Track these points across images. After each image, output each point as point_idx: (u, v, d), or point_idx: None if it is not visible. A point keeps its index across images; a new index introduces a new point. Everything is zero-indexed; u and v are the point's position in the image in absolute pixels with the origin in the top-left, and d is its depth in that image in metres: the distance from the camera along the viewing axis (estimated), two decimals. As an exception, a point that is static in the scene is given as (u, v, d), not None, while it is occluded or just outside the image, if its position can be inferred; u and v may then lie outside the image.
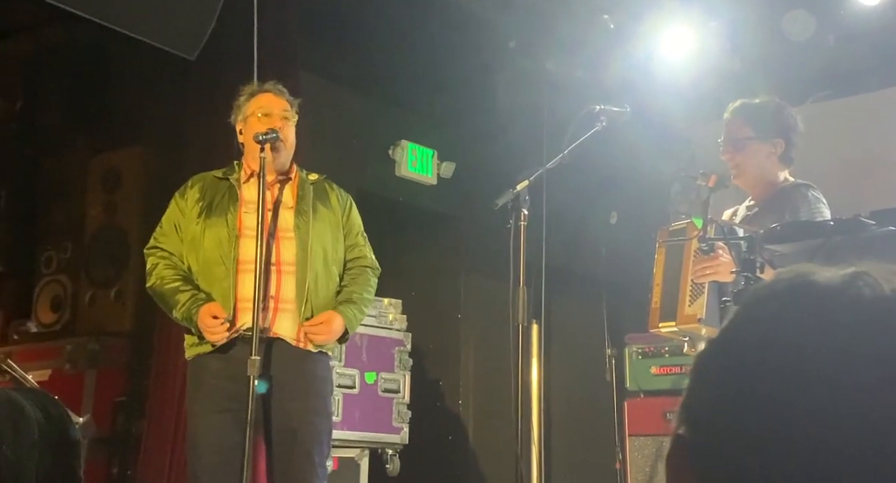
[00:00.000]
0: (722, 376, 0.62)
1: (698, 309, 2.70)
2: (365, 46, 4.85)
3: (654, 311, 2.83)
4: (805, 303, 0.61)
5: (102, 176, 5.02)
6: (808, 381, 0.58)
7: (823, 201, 2.86)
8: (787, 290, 0.63)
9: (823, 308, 0.60)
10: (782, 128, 2.97)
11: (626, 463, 4.59)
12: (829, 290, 0.60)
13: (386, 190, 5.21)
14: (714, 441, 0.61)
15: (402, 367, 4.56)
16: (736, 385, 0.61)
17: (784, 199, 2.89)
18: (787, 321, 0.61)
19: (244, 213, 2.99)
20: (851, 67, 4.82)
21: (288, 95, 3.15)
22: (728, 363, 0.63)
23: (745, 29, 4.71)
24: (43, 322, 5.04)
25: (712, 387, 0.63)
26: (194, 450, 2.90)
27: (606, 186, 5.53)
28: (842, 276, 0.61)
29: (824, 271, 0.62)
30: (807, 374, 0.58)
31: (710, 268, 2.67)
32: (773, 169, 2.96)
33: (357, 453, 4.32)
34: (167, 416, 4.07)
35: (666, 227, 2.92)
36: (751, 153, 2.95)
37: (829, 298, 0.60)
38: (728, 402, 0.61)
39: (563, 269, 5.36)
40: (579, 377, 5.55)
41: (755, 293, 0.65)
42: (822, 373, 0.58)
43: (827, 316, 0.59)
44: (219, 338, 2.87)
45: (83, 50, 5.20)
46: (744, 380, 0.60)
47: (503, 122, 5.08)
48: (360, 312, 3.07)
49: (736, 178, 2.96)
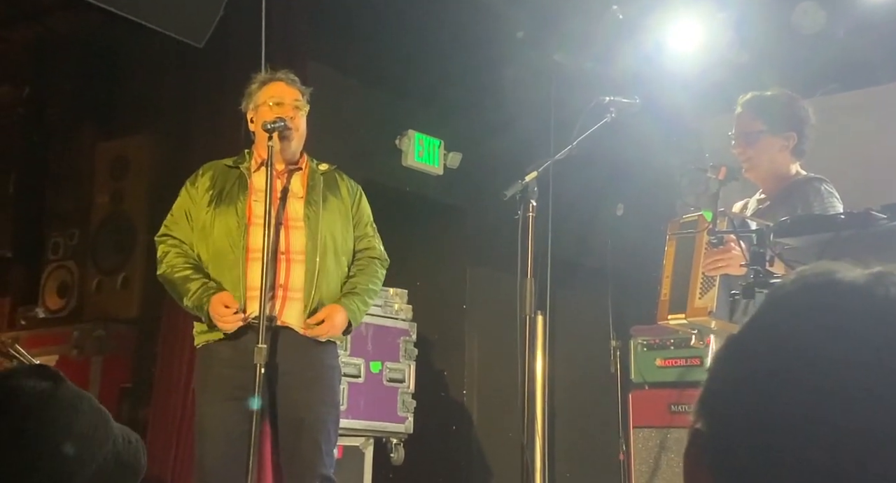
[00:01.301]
0: (742, 372, 0.62)
1: (709, 301, 2.68)
2: (373, 36, 4.84)
3: (664, 302, 2.81)
4: (829, 301, 0.61)
5: (110, 163, 5.03)
6: (831, 378, 0.58)
7: (836, 195, 2.83)
8: (811, 287, 0.62)
9: (848, 306, 0.60)
10: (794, 121, 2.93)
11: (629, 454, 4.59)
12: (853, 289, 0.60)
13: (393, 180, 5.21)
14: (732, 436, 0.61)
15: (407, 356, 4.57)
16: (756, 381, 0.61)
17: (796, 192, 2.86)
18: (810, 319, 0.61)
19: (254, 201, 2.99)
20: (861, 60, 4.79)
21: (300, 85, 3.14)
22: (749, 359, 0.62)
23: (754, 21, 4.69)
24: (50, 308, 5.06)
25: (732, 382, 0.63)
26: (202, 437, 2.91)
27: (614, 178, 5.51)
28: (866, 275, 0.61)
29: (848, 270, 0.62)
30: (830, 371, 0.58)
31: (723, 261, 2.65)
32: (786, 162, 2.94)
33: (362, 442, 4.34)
34: (173, 402, 4.09)
35: (677, 219, 2.89)
36: (763, 147, 2.92)
37: (853, 297, 0.60)
38: (748, 397, 0.61)
39: (568, 261, 5.36)
40: (584, 368, 5.55)
41: (778, 290, 0.64)
42: (845, 371, 0.57)
43: (851, 314, 0.59)
44: (231, 327, 2.88)
45: (91, 37, 5.20)
46: (765, 376, 0.60)
47: (510, 113, 5.07)
48: (364, 304, 3.07)
49: (748, 171, 2.93)
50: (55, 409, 1.02)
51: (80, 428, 1.03)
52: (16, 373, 1.07)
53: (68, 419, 1.02)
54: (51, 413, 1.02)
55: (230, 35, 4.17)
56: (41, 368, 1.08)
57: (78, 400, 1.05)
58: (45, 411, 1.02)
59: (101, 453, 1.03)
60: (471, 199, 5.46)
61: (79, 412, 1.04)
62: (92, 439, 1.03)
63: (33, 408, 1.02)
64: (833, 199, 2.81)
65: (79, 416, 1.03)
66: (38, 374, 1.05)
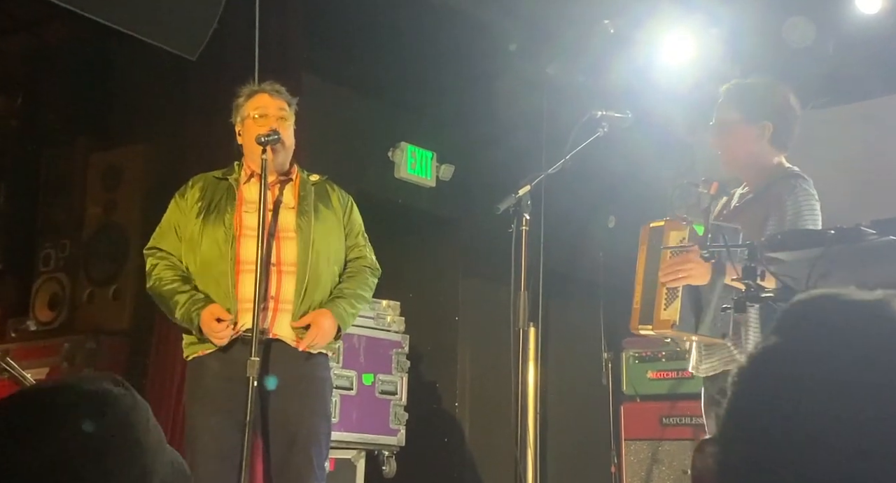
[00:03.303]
0: (760, 396, 0.63)
1: (673, 313, 2.63)
2: (366, 49, 4.86)
3: (636, 311, 2.78)
4: (841, 322, 0.61)
5: (102, 174, 5.02)
6: (846, 398, 0.58)
7: (814, 196, 2.72)
8: (822, 309, 0.63)
9: (859, 327, 0.60)
10: (771, 110, 2.80)
11: (621, 467, 4.60)
12: (864, 311, 0.61)
13: (385, 192, 5.22)
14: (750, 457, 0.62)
15: (399, 368, 4.57)
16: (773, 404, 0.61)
17: (774, 187, 2.75)
18: (824, 341, 0.61)
19: (244, 212, 2.99)
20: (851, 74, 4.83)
21: (285, 94, 3.14)
22: (766, 382, 0.63)
23: (745, 35, 4.73)
24: (41, 320, 5.04)
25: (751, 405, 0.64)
26: (193, 451, 2.89)
27: (606, 191, 5.54)
28: (877, 297, 0.62)
29: (859, 292, 0.63)
30: (844, 392, 0.59)
31: (682, 271, 2.59)
32: (764, 153, 2.81)
33: (354, 455, 4.33)
34: (164, 415, 4.07)
35: (647, 224, 2.81)
36: (737, 137, 2.81)
37: (865, 318, 0.61)
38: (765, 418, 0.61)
39: (560, 273, 5.37)
40: (576, 381, 5.56)
41: (790, 312, 0.65)
42: (859, 390, 0.58)
43: (863, 335, 0.60)
44: (225, 342, 2.87)
45: (84, 47, 5.20)
46: (781, 399, 0.61)
47: (502, 126, 5.09)
48: (352, 307, 3.03)
49: (724, 164, 2.85)
50: (135, 415, 1.03)
51: (153, 437, 1.03)
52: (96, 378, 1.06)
53: (146, 426, 1.03)
54: (132, 418, 1.02)
55: (224, 46, 4.18)
56: (113, 376, 1.07)
57: (148, 410, 1.06)
58: (129, 416, 1.02)
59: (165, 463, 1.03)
60: (463, 212, 5.47)
61: (151, 420, 1.05)
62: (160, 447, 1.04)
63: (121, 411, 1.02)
64: (811, 201, 2.70)
65: (150, 425, 1.04)
66: (114, 381, 1.05)
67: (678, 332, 2.67)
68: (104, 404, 1.02)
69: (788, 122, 2.84)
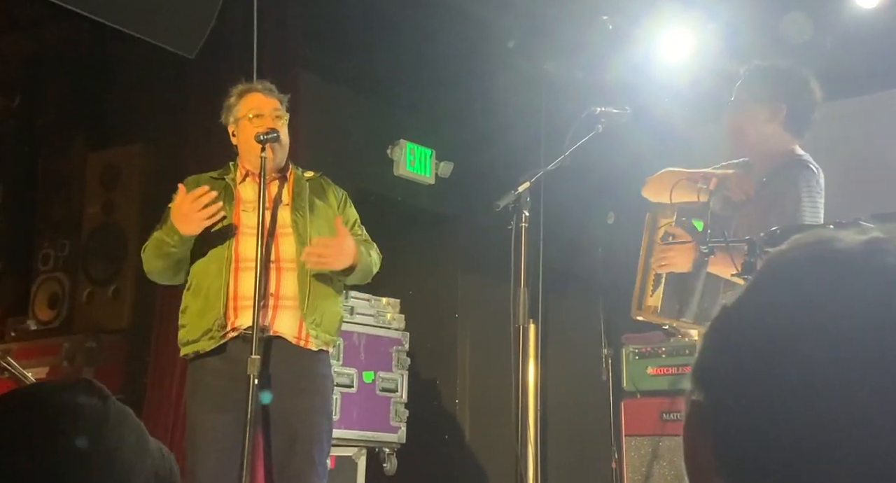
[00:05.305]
0: (740, 340, 0.61)
1: (655, 300, 2.66)
2: (364, 46, 4.85)
3: (635, 297, 2.80)
4: (826, 270, 0.60)
5: (101, 173, 5.02)
6: (829, 345, 0.57)
7: (815, 186, 2.64)
8: (807, 256, 0.62)
9: (845, 275, 0.59)
10: (786, 91, 2.70)
11: (622, 463, 4.60)
12: (850, 257, 0.60)
13: (384, 189, 5.22)
14: (732, 404, 0.60)
15: (399, 366, 4.57)
16: (754, 348, 0.60)
17: (779, 176, 2.67)
18: (807, 288, 0.60)
19: (242, 211, 3.00)
20: (848, 70, 4.83)
21: (278, 93, 3.13)
22: (746, 327, 0.62)
23: (742, 31, 4.72)
24: (40, 319, 5.04)
25: (730, 350, 0.62)
26: (193, 449, 2.90)
27: (605, 187, 5.53)
28: (862, 242, 0.61)
29: (843, 237, 0.62)
30: (828, 338, 0.57)
31: (666, 258, 2.60)
32: (775, 136, 2.71)
33: (354, 452, 4.33)
34: (164, 414, 4.08)
35: (654, 212, 2.80)
36: (748, 117, 2.72)
37: (850, 265, 0.60)
38: (747, 364, 0.60)
39: (560, 270, 5.37)
40: (576, 377, 5.55)
41: (774, 259, 0.64)
42: (843, 337, 0.57)
43: (849, 282, 0.59)
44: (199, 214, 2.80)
45: (82, 47, 5.20)
46: (763, 343, 0.60)
47: (501, 123, 5.09)
48: (365, 251, 3.02)
49: (734, 145, 2.77)
50: (107, 428, 0.99)
51: (128, 448, 1.00)
52: (67, 388, 1.02)
53: (119, 439, 0.99)
54: (104, 433, 0.98)
55: (222, 44, 4.18)
56: (87, 383, 1.04)
57: (124, 416, 1.02)
58: (100, 431, 0.98)
59: (145, 471, 1.01)
60: (462, 209, 5.47)
61: (126, 430, 1.01)
62: (137, 458, 1.00)
63: (91, 427, 0.98)
64: (813, 194, 2.61)
65: (125, 436, 1.00)
66: (87, 390, 1.01)
67: (660, 318, 2.68)
68: (74, 420, 0.97)
69: (805, 106, 2.72)
